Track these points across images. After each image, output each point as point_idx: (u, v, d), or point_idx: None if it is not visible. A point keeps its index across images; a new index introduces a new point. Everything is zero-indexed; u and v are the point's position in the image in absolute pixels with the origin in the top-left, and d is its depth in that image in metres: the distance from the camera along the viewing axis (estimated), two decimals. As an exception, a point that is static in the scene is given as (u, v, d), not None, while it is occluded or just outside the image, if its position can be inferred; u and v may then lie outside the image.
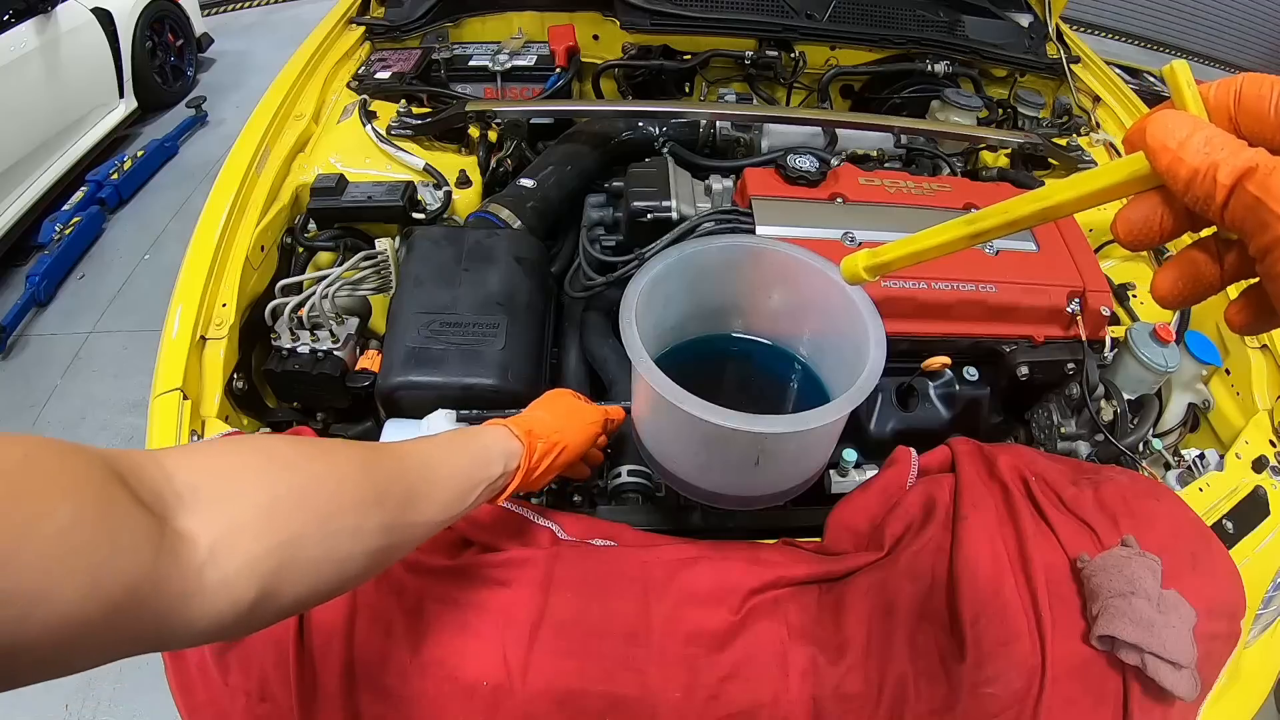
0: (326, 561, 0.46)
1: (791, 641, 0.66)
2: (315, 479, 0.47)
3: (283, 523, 0.43)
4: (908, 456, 0.79)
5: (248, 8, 4.90)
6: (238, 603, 0.40)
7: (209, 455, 0.44)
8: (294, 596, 0.44)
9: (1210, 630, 0.67)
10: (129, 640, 0.36)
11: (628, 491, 0.82)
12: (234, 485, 0.42)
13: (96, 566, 0.33)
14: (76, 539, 0.32)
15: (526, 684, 0.62)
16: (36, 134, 2.75)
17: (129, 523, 0.35)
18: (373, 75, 1.38)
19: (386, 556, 0.51)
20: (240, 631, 0.42)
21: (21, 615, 0.30)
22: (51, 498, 0.32)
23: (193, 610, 0.38)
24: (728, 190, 1.07)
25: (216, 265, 0.98)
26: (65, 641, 0.32)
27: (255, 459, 0.45)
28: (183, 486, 0.40)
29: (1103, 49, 3.09)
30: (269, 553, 0.42)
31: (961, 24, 1.53)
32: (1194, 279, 0.31)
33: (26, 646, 0.30)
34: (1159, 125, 0.28)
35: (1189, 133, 0.27)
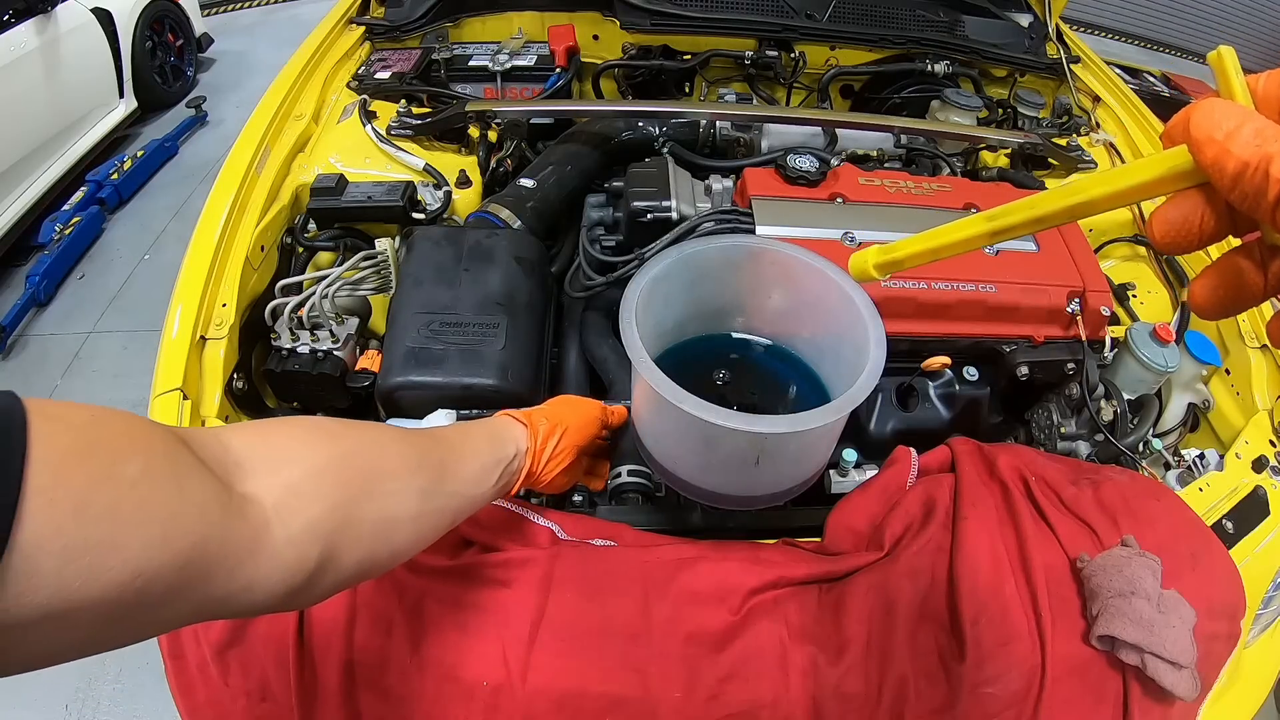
0: (380, 523, 0.48)
1: (791, 641, 0.66)
2: (360, 445, 0.49)
3: (337, 485, 0.45)
4: (908, 456, 0.79)
5: (248, 8, 4.90)
6: (304, 562, 0.41)
7: (259, 429, 0.45)
8: (353, 562, 0.45)
9: (1210, 630, 0.67)
10: (195, 602, 0.36)
11: (628, 491, 0.82)
12: (287, 453, 0.44)
13: (166, 519, 0.33)
14: (146, 492, 0.32)
15: (526, 684, 0.62)
16: (36, 134, 2.75)
17: (196, 480, 0.36)
18: (373, 75, 1.38)
19: (429, 525, 0.53)
20: (303, 599, 0.43)
21: (92, 566, 0.29)
22: (122, 452, 0.32)
23: (261, 569, 0.39)
24: (728, 190, 1.07)
25: (216, 265, 0.98)
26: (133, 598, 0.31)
27: (302, 431, 0.47)
28: (240, 455, 0.41)
29: (1103, 49, 3.10)
30: (327, 514, 0.43)
31: (961, 24, 1.53)
32: (1236, 287, 0.28)
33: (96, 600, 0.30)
34: (1205, 115, 0.25)
35: (1238, 123, 0.25)
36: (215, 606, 0.37)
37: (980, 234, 0.35)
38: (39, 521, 0.27)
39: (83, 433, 0.31)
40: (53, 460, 0.28)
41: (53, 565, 0.28)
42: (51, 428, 0.29)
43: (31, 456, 0.27)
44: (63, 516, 0.28)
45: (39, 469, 0.27)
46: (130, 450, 0.33)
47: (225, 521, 0.37)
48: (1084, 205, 0.30)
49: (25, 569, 0.27)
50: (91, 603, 0.30)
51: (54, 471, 0.28)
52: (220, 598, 0.37)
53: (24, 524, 0.27)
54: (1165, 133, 0.28)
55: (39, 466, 0.28)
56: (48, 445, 0.28)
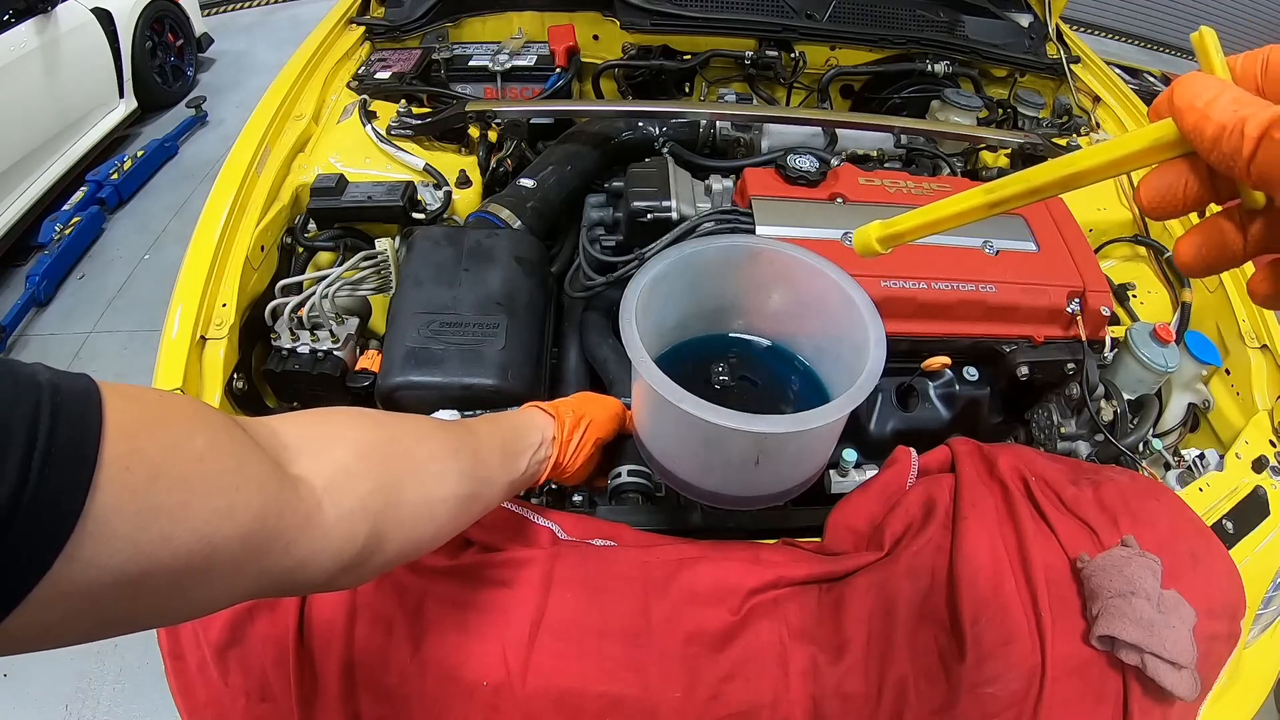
0: (423, 503, 0.50)
1: (791, 641, 0.66)
2: (401, 430, 0.52)
3: (382, 467, 0.47)
4: (908, 456, 0.79)
5: (248, 8, 4.89)
6: (353, 539, 0.43)
7: (306, 416, 0.47)
8: (398, 541, 0.47)
9: (1210, 630, 0.67)
10: (252, 576, 0.37)
11: (628, 491, 0.82)
12: (333, 437, 0.46)
13: (231, 490, 0.35)
14: (213, 464, 0.34)
15: (526, 684, 0.62)
16: (36, 134, 2.75)
17: (255, 458, 0.38)
18: (373, 75, 1.38)
19: (468, 507, 0.56)
20: (351, 578, 0.45)
21: (164, 532, 0.31)
22: (191, 427, 0.34)
23: (316, 543, 0.41)
24: (728, 190, 1.07)
25: (216, 265, 0.98)
26: (200, 565, 0.33)
27: (345, 417, 0.49)
28: (288, 439, 0.43)
29: (1103, 49, 3.10)
30: (374, 493, 0.45)
31: (961, 24, 1.53)
32: (1218, 246, 0.31)
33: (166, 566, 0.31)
34: (1186, 86, 0.28)
35: (1217, 93, 0.27)
36: (270, 582, 0.39)
37: (979, 205, 0.36)
38: (116, 487, 0.29)
39: (154, 408, 0.33)
40: (129, 431, 0.30)
41: (127, 529, 0.29)
42: (125, 404, 0.31)
43: (107, 428, 0.29)
44: (138, 482, 0.30)
45: (115, 438, 0.29)
46: (197, 425, 0.35)
47: (282, 497, 0.38)
48: (1076, 175, 0.32)
49: (101, 532, 0.28)
50: (161, 569, 0.31)
51: (129, 441, 0.30)
52: (276, 572, 0.39)
53: (100, 489, 0.28)
54: (1153, 108, 0.30)
55: (115, 435, 0.29)
56: (124, 418, 0.30)
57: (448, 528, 0.53)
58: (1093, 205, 1.26)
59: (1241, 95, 0.27)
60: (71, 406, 0.28)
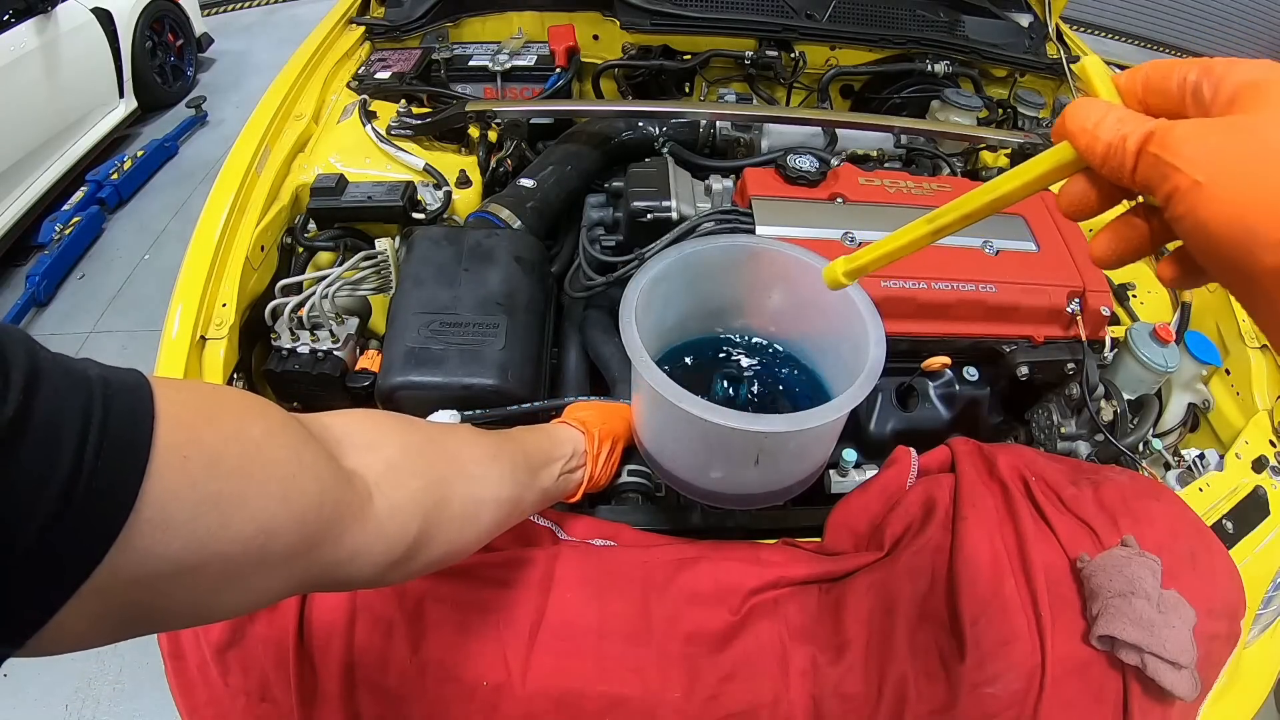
0: (468, 503, 0.50)
1: (791, 641, 0.66)
2: (445, 433, 0.53)
3: (431, 464, 0.48)
4: (908, 456, 0.79)
5: (248, 8, 4.90)
6: (404, 534, 0.43)
7: (352, 414, 0.48)
8: (445, 540, 0.48)
9: (1210, 630, 0.67)
10: (305, 566, 0.37)
11: (628, 491, 0.82)
12: (382, 434, 0.47)
13: (288, 478, 0.35)
14: (270, 453, 0.34)
15: (526, 684, 0.62)
16: (36, 134, 2.75)
17: (311, 447, 0.38)
18: (373, 75, 1.38)
19: (508, 511, 0.56)
20: (399, 573, 0.45)
21: (222, 519, 0.31)
22: (247, 416, 0.35)
23: (368, 535, 0.41)
24: (728, 190, 1.07)
25: (216, 265, 0.98)
26: (256, 554, 0.33)
27: (390, 418, 0.50)
28: (339, 434, 0.43)
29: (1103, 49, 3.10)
30: (425, 489, 0.46)
31: (961, 24, 1.53)
32: (1125, 240, 0.34)
33: (224, 553, 0.31)
34: (1076, 111, 0.32)
35: (1102, 115, 0.31)
36: (321, 573, 0.39)
37: (924, 234, 0.41)
38: (174, 474, 0.29)
39: (209, 399, 0.34)
40: (185, 420, 0.30)
41: (185, 516, 0.29)
42: (180, 395, 0.31)
43: (160, 418, 0.29)
44: (196, 470, 0.30)
45: (170, 427, 0.29)
46: (254, 415, 0.35)
47: (337, 488, 0.39)
48: (1000, 199, 0.36)
49: (159, 519, 0.28)
50: (219, 556, 0.31)
51: (186, 430, 0.30)
52: (327, 563, 0.39)
53: (157, 477, 0.28)
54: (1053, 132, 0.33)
55: (169, 425, 0.29)
56: (178, 408, 0.30)
57: (488, 531, 0.54)
58: (1093, 205, 1.25)
59: (1124, 114, 0.31)
60: (122, 399, 0.29)
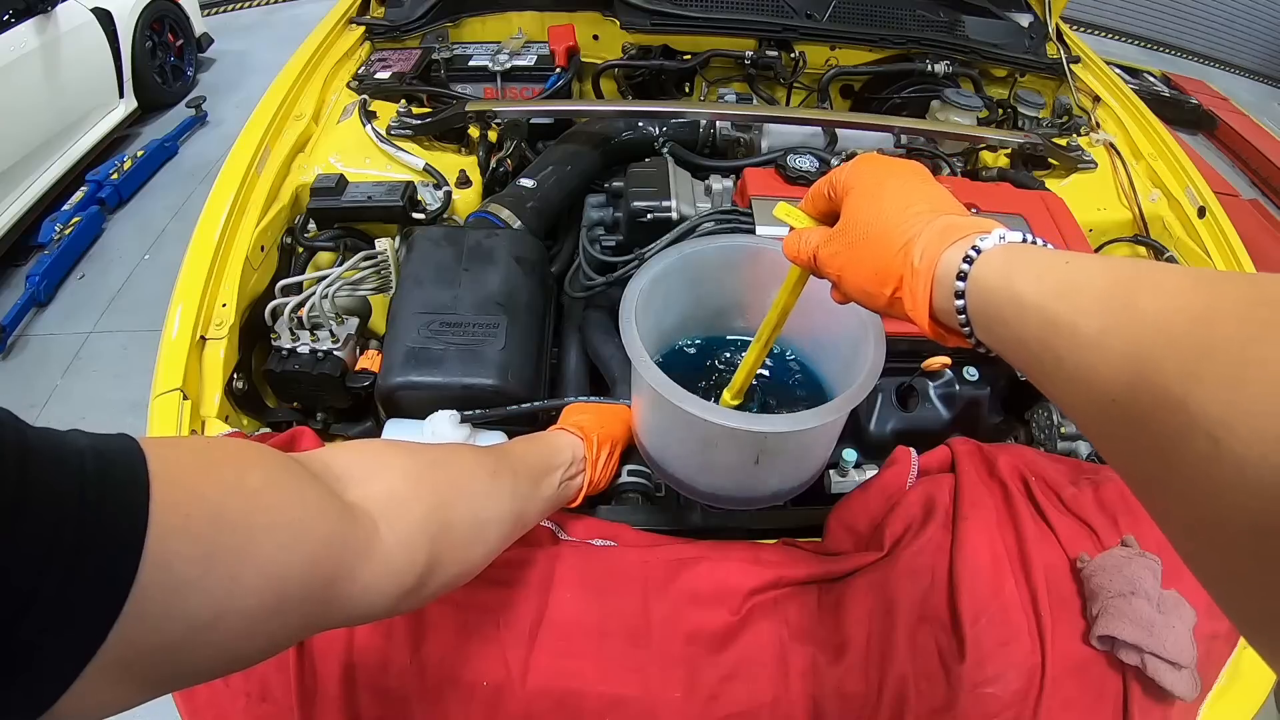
0: (474, 524, 0.50)
1: (791, 641, 0.66)
2: (445, 455, 0.52)
3: (432, 490, 0.47)
4: (908, 456, 0.79)
5: (248, 8, 4.90)
6: (413, 564, 0.43)
7: (349, 447, 0.48)
8: (454, 563, 0.48)
9: (1210, 630, 0.67)
10: (321, 608, 0.37)
11: (628, 491, 0.82)
12: (380, 464, 0.46)
13: (294, 523, 0.34)
14: (273, 499, 0.34)
15: (526, 684, 0.62)
16: (36, 134, 2.75)
17: (313, 488, 0.38)
18: (373, 75, 1.38)
19: (514, 526, 0.57)
20: (411, 602, 0.45)
21: (232, 572, 0.30)
22: (244, 464, 0.34)
23: (376, 571, 0.40)
24: (728, 190, 1.07)
25: (216, 265, 0.98)
26: (271, 602, 0.32)
27: (386, 446, 0.50)
28: (338, 469, 0.43)
29: (1103, 49, 3.09)
30: (429, 516, 0.45)
31: (961, 24, 1.53)
32: None
33: (237, 608, 0.31)
34: (787, 245, 0.53)
35: (795, 243, 0.52)
36: (336, 611, 0.39)
37: (758, 352, 0.64)
38: (176, 535, 0.28)
39: (203, 452, 0.33)
40: (181, 478, 0.30)
41: (195, 574, 0.29)
42: (171, 453, 0.30)
43: (155, 478, 0.28)
44: (200, 527, 0.29)
45: (166, 487, 0.28)
46: (249, 462, 0.34)
47: (342, 525, 0.38)
48: (782, 311, 0.60)
49: (167, 581, 0.27)
50: (235, 611, 0.31)
51: (184, 487, 0.29)
52: (341, 601, 0.38)
53: (158, 539, 0.27)
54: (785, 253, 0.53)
55: (166, 484, 0.28)
56: (172, 467, 0.29)
57: (496, 548, 0.54)
58: (1093, 205, 1.26)
59: (808, 235, 0.50)
60: (115, 467, 0.28)
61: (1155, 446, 0.26)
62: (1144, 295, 0.28)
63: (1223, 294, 0.26)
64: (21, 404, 2.25)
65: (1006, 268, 0.36)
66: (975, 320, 0.39)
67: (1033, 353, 0.34)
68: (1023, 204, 1.02)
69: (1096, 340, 0.29)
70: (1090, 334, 0.30)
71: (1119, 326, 0.28)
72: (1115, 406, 0.28)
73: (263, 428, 0.97)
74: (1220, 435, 0.22)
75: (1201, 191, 1.26)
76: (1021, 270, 0.35)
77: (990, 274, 0.37)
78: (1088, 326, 0.30)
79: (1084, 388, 0.30)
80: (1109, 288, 0.30)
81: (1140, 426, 0.26)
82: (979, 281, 0.38)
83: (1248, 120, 4.35)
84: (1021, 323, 0.34)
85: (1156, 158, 1.35)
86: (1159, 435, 0.25)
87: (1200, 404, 0.23)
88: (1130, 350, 0.27)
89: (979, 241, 0.39)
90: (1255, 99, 5.05)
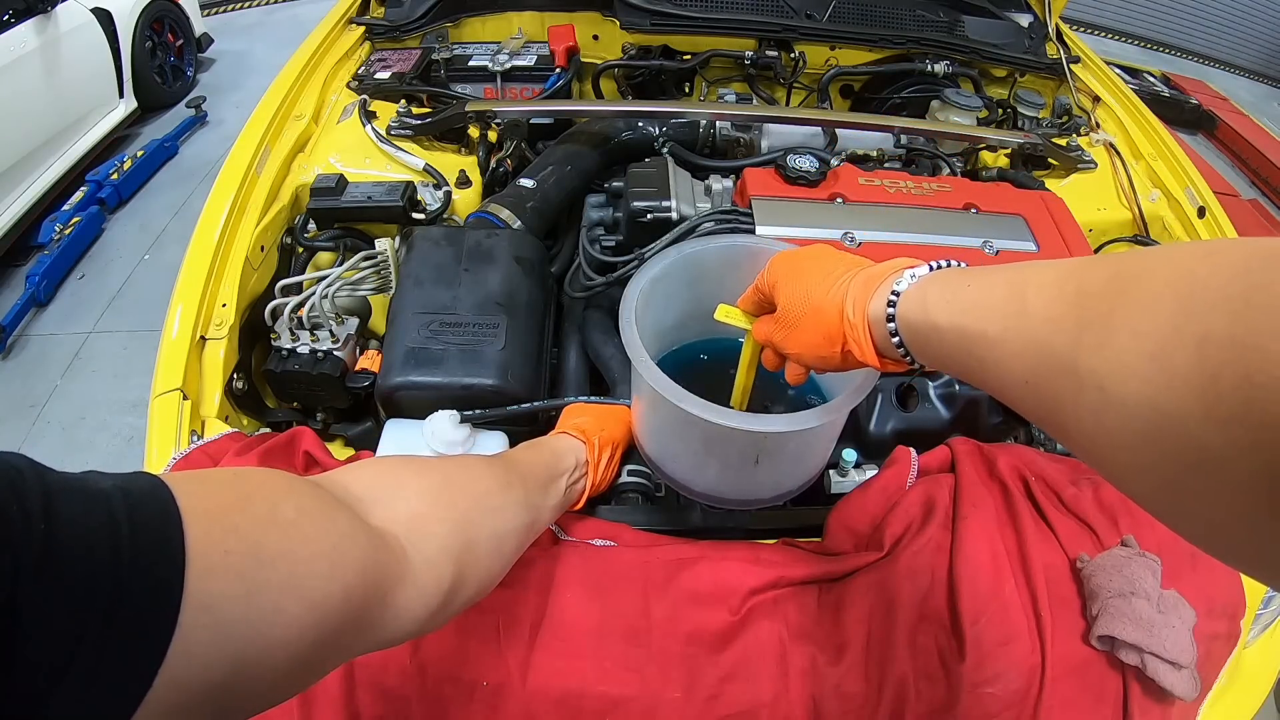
0: (493, 538, 0.51)
1: (791, 641, 0.66)
2: (457, 470, 0.52)
3: (451, 506, 0.47)
4: (908, 456, 0.79)
5: (248, 8, 4.90)
6: (440, 583, 0.43)
7: (364, 468, 0.47)
8: (476, 578, 0.48)
9: (1210, 630, 0.67)
10: (359, 634, 0.37)
11: (628, 491, 0.82)
12: (399, 486, 0.46)
13: (330, 552, 0.34)
14: (309, 529, 0.34)
15: (526, 684, 0.62)
16: (36, 134, 2.75)
17: (342, 515, 0.38)
18: (373, 75, 1.38)
19: (527, 536, 0.57)
20: (439, 620, 0.45)
21: (276, 607, 0.30)
22: (275, 495, 0.34)
23: (407, 593, 0.40)
24: (728, 190, 1.07)
25: (216, 265, 0.98)
26: (314, 634, 0.32)
27: (402, 464, 0.50)
28: (359, 492, 0.42)
29: (1103, 49, 3.10)
30: (451, 534, 0.45)
31: (961, 24, 1.53)
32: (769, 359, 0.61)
33: (280, 641, 0.30)
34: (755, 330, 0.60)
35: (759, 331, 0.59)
36: (371, 636, 0.38)
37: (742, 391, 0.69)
38: (219, 573, 0.28)
39: (233, 487, 0.32)
40: (215, 513, 0.29)
41: (239, 612, 0.28)
42: (199, 488, 0.30)
43: (188, 516, 0.28)
44: (240, 562, 0.29)
45: (202, 525, 0.28)
46: (282, 494, 0.34)
47: (373, 549, 0.38)
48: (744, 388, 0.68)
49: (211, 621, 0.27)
50: (279, 645, 0.30)
51: (219, 523, 0.29)
52: (376, 626, 0.38)
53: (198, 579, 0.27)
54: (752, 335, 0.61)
55: (200, 522, 0.28)
56: (204, 503, 0.29)
57: (512, 559, 0.54)
58: (1093, 205, 1.26)
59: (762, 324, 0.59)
60: (143, 508, 0.27)
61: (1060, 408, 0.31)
62: (1030, 294, 0.35)
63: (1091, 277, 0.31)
64: (21, 404, 2.25)
65: (922, 302, 0.43)
66: (911, 348, 0.45)
67: (959, 362, 0.40)
68: (1023, 204, 1.02)
69: (1001, 339, 0.36)
70: (995, 335, 0.36)
71: (1017, 325, 0.35)
72: (1027, 387, 0.34)
73: (262, 428, 0.97)
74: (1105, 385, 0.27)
75: (1201, 191, 1.26)
76: (934, 300, 0.42)
77: (910, 311, 0.44)
78: (993, 330, 0.36)
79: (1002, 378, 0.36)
80: (1004, 295, 0.36)
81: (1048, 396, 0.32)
82: (904, 319, 0.45)
83: (1248, 120, 4.35)
84: (944, 342, 0.41)
85: (1156, 158, 1.35)
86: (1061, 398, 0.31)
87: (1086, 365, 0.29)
88: (1027, 339, 0.34)
89: (895, 285, 0.46)
90: (1255, 99, 5.05)
